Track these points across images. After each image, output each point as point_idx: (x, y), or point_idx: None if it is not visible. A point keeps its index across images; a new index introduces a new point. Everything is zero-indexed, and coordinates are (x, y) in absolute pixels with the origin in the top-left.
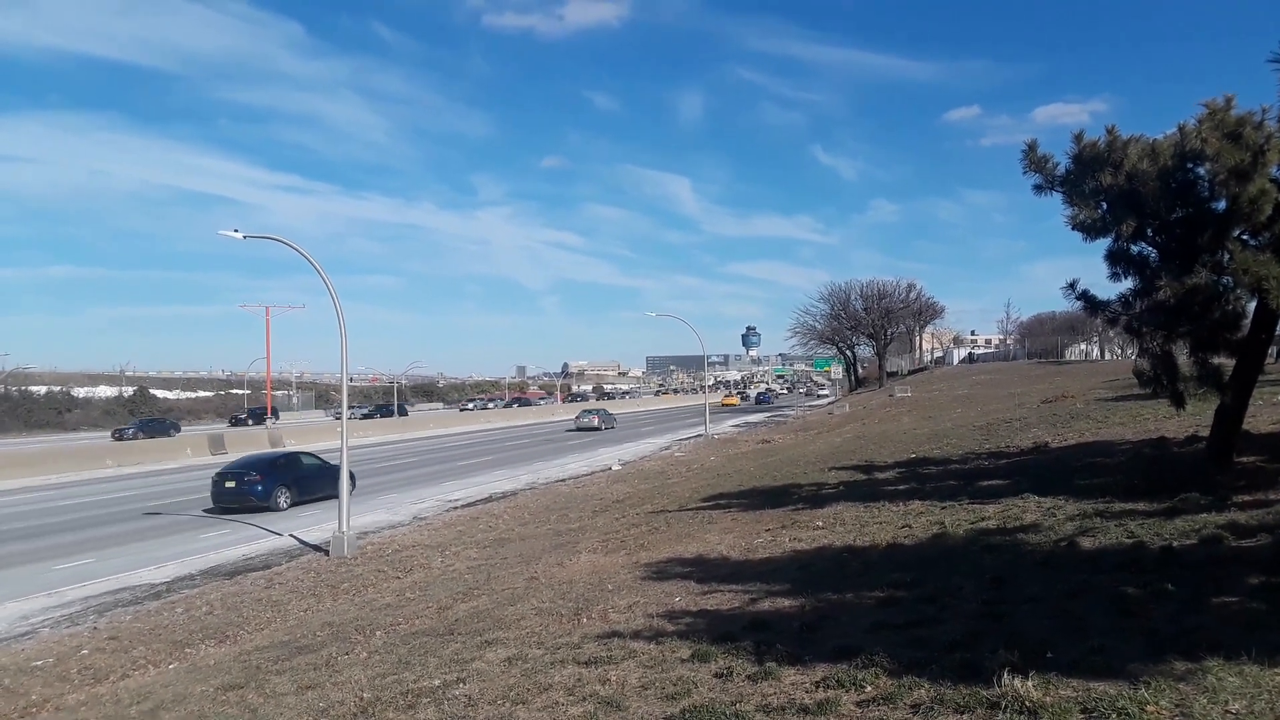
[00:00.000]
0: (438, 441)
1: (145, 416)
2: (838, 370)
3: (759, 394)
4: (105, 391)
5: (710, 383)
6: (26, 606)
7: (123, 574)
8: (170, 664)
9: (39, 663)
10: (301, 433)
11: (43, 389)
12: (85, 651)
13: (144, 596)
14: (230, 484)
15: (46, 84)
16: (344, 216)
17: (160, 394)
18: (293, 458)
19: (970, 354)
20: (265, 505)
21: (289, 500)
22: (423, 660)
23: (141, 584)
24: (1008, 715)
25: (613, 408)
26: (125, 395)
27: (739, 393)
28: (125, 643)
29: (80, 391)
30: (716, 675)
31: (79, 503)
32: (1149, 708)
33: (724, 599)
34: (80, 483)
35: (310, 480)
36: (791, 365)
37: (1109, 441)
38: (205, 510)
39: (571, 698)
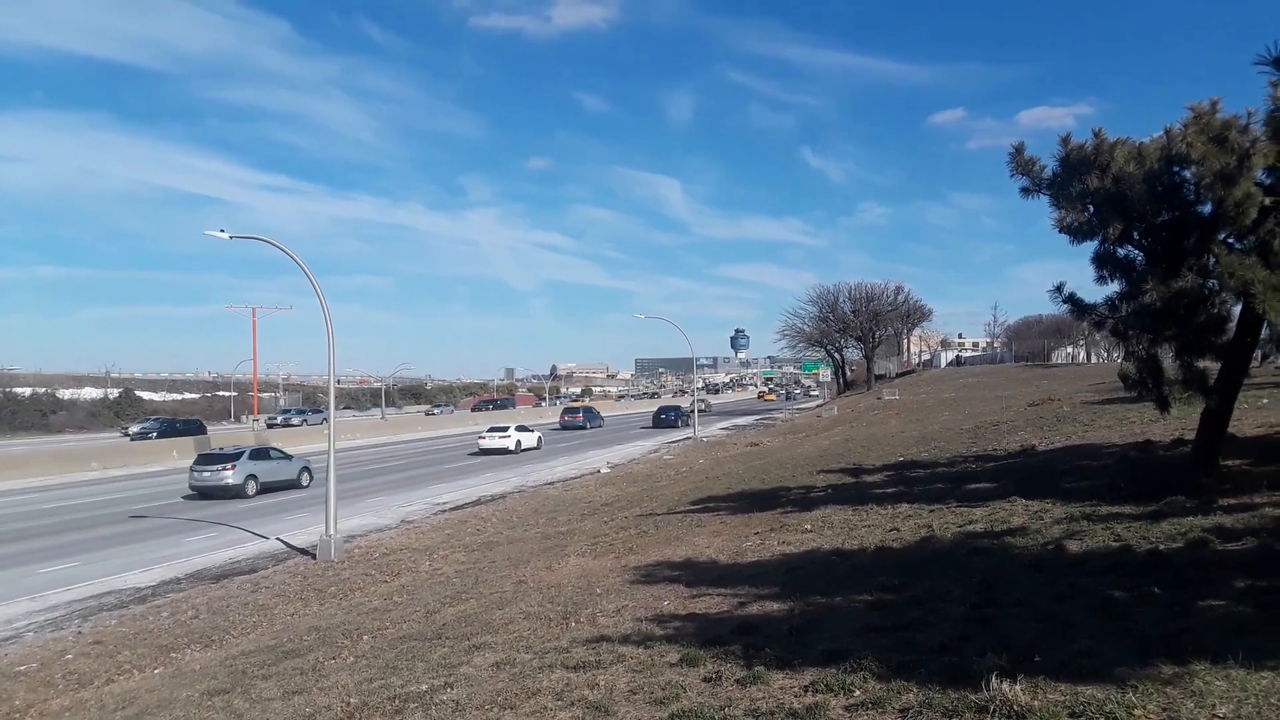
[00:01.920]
0: (425, 444)
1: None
2: (826, 373)
3: (787, 392)
4: (90, 393)
5: (699, 385)
6: (10, 611)
7: (108, 578)
8: (155, 669)
9: (23, 668)
10: (290, 435)
11: (27, 391)
12: (70, 656)
13: (129, 601)
14: (664, 416)
15: (35, 82)
16: (331, 217)
17: (146, 396)
18: (677, 406)
19: (958, 357)
20: (677, 425)
21: (683, 423)
22: (410, 665)
23: (127, 588)
24: (996, 719)
25: (603, 407)
26: (110, 397)
27: (772, 390)
28: (110, 647)
29: (65, 393)
30: (705, 680)
31: (63, 506)
32: (1136, 711)
33: (712, 602)
34: (64, 485)
35: (684, 416)
36: (780, 368)
37: (1095, 445)
38: (643, 428)
39: (560, 702)
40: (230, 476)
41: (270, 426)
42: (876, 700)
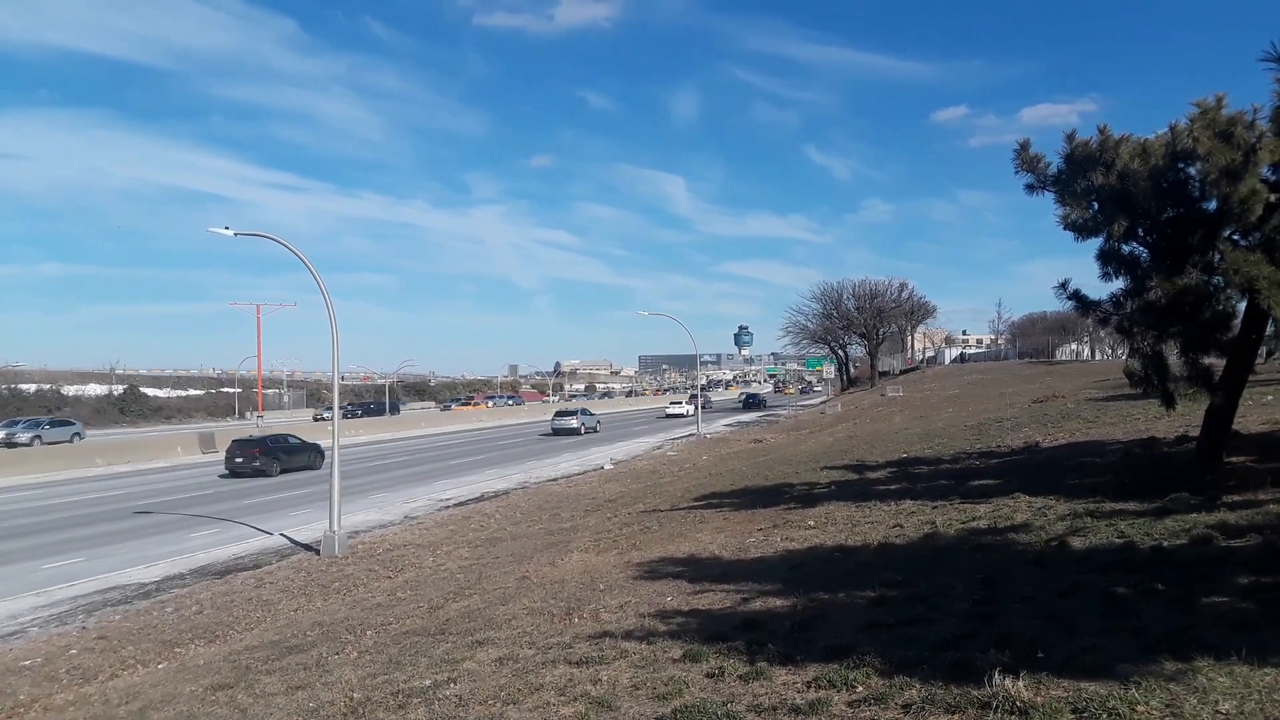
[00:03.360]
0: (429, 440)
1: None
2: (830, 370)
3: (802, 388)
4: (95, 390)
5: (703, 382)
6: (15, 606)
7: (112, 573)
8: (159, 664)
9: (27, 662)
10: (290, 430)
11: (32, 387)
12: (74, 651)
13: (133, 596)
14: (749, 400)
15: (40, 80)
16: (337, 214)
17: (151, 392)
18: (757, 393)
19: (962, 354)
20: (759, 408)
21: (763, 406)
22: (413, 660)
23: (131, 583)
24: (998, 715)
25: (599, 407)
26: (115, 394)
27: (787, 384)
28: (114, 642)
29: (70, 390)
30: (708, 675)
31: (68, 501)
32: (1139, 708)
33: (716, 598)
34: (70, 481)
35: (763, 401)
36: (784, 364)
37: (1100, 441)
38: (731, 408)
39: (563, 698)
40: (574, 423)
41: None
42: (879, 696)
